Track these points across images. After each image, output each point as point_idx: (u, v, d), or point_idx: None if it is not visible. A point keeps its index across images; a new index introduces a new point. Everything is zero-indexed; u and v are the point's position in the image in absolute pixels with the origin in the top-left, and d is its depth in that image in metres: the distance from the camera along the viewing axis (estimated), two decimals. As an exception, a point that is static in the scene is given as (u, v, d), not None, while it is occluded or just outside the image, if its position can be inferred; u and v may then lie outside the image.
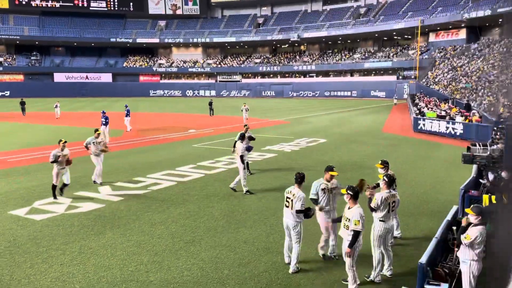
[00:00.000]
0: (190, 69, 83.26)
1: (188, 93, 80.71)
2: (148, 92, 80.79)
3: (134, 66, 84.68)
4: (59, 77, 79.40)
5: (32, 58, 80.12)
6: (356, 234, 6.24)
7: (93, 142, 13.12)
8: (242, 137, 12.92)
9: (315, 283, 6.75)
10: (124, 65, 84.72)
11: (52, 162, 11.17)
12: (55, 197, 11.29)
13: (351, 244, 6.24)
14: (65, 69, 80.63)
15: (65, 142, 11.51)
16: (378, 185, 7.74)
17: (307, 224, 7.67)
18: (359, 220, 6.24)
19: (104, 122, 22.27)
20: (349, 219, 6.33)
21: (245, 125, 14.66)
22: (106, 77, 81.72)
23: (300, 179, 7.26)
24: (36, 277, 6.92)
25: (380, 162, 8.38)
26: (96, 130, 13.53)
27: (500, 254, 4.70)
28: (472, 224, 5.77)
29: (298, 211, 6.97)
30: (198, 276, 6.97)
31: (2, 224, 9.48)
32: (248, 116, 31.99)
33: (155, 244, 8.30)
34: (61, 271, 7.11)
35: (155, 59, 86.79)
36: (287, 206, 7.15)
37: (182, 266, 7.32)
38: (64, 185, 11.50)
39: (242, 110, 32.17)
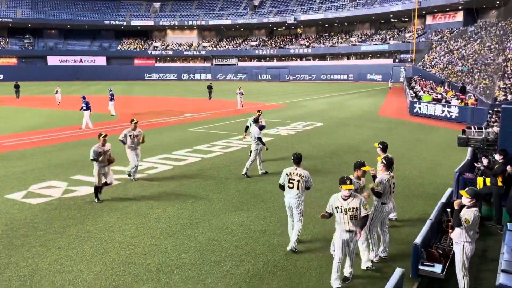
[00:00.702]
0: (185, 52, 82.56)
1: (183, 76, 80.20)
2: (143, 76, 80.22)
3: (129, 49, 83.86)
4: (52, 60, 78.59)
5: (25, 41, 79.09)
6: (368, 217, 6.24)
7: (130, 135, 11.47)
8: (256, 121, 12.73)
9: (311, 265, 6.83)
10: (119, 48, 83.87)
11: (93, 160, 9.79)
12: (98, 199, 9.90)
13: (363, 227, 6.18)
14: (58, 52, 79.76)
15: (106, 136, 9.99)
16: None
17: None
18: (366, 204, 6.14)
19: (84, 108, 21.15)
20: (356, 208, 6.04)
21: (258, 110, 14.23)
22: (101, 60, 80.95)
23: (298, 159, 7.35)
24: (34, 260, 6.96)
25: (379, 142, 8.35)
26: (132, 120, 11.58)
27: None
28: (466, 207, 5.83)
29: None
30: (195, 258, 7.03)
31: (-1, 208, 9.49)
32: (243, 100, 30.38)
33: (152, 227, 8.34)
34: (59, 254, 7.15)
35: (150, 42, 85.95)
36: (291, 187, 7.21)
37: (179, 249, 7.38)
38: (106, 184, 10.07)
39: (236, 94, 30.43)
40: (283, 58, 78.53)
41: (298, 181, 7.17)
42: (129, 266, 6.75)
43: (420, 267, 6.25)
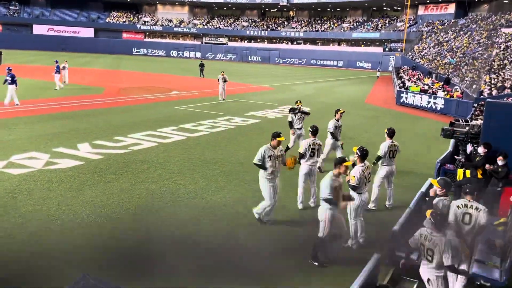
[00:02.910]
0: (175, 29, 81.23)
1: (172, 53, 79.05)
2: (131, 50, 78.81)
3: (117, 22, 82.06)
4: (38, 29, 76.53)
5: (10, 7, 76.66)
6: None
7: (269, 156, 7.49)
8: (304, 113, 12.13)
9: (295, 243, 6.93)
10: (107, 20, 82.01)
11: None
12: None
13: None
14: (44, 21, 77.63)
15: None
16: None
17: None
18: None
19: (9, 81, 18.33)
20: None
21: (298, 101, 12.54)
22: (88, 32, 79.14)
23: (316, 131, 8.77)
24: (13, 231, 6.89)
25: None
26: (278, 135, 7.64)
27: None
28: (437, 196, 5.99)
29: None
30: (177, 236, 7.06)
31: (-22, 177, 9.33)
32: (225, 88, 23.78)
33: (135, 204, 8.32)
34: (38, 226, 7.10)
35: (140, 16, 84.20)
36: (312, 156, 8.48)
37: (161, 226, 7.40)
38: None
39: (218, 80, 23.82)
40: (274, 41, 77.90)
41: (318, 149, 8.60)
42: (110, 241, 6.76)
43: (398, 253, 6.38)
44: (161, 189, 9.22)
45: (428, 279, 5.06)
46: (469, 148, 9.29)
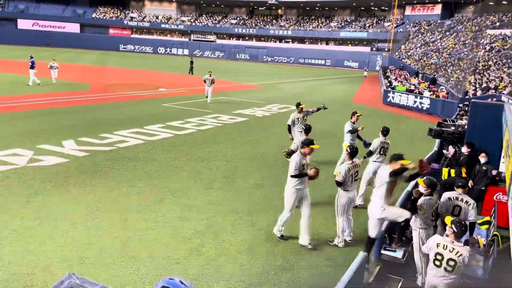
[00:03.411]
0: (163, 25, 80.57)
1: (160, 50, 78.45)
2: (118, 46, 77.97)
3: (104, 17, 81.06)
4: (23, 24, 75.16)
5: (-6, 1, 75.27)
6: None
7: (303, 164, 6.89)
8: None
9: (279, 244, 6.93)
10: (93, 16, 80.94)
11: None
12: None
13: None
14: (29, 15, 76.27)
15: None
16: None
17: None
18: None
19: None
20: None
21: (355, 112, 11.01)
22: (74, 27, 78.01)
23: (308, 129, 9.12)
24: (-5, 229, 6.77)
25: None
26: (311, 141, 6.99)
27: None
28: (423, 195, 6.07)
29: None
30: (163, 234, 7.01)
31: (-41, 174, 9.14)
32: (212, 91, 21.96)
33: (120, 202, 8.24)
34: (21, 224, 6.98)
35: (127, 12, 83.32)
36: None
37: (147, 224, 7.33)
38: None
39: (205, 81, 22.10)
40: (263, 39, 77.83)
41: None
42: (94, 239, 6.67)
43: (383, 251, 6.45)
44: (147, 187, 9.14)
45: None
46: (451, 149, 9.42)
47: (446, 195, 6.46)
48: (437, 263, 4.84)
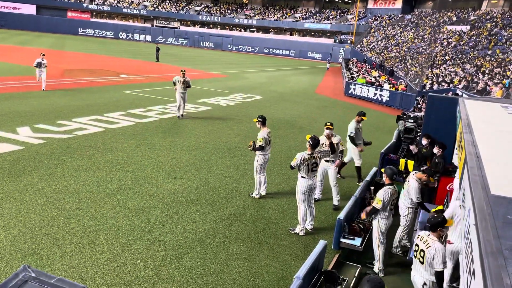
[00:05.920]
0: (124, 10, 78.17)
1: (121, 35, 76.13)
2: (77, 30, 75.05)
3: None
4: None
5: None
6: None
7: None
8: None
9: (240, 234, 6.97)
10: (51, -3, 77.36)
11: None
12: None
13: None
14: (-20, -6, 71.96)
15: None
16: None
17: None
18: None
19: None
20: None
21: (361, 116, 10.61)
22: (29, 9, 74.30)
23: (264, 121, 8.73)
24: None
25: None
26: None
27: None
28: (385, 185, 6.28)
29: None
30: (123, 224, 6.89)
31: None
32: (186, 98, 15.38)
33: (79, 191, 8.01)
34: (-28, 215, 6.66)
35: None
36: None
37: (106, 214, 7.18)
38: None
39: (175, 83, 15.01)
40: (227, 27, 77.12)
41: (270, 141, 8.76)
42: (51, 229, 6.47)
43: (342, 240, 6.64)
44: (107, 176, 8.93)
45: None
46: (413, 147, 9.83)
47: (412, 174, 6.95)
48: (415, 253, 4.96)
